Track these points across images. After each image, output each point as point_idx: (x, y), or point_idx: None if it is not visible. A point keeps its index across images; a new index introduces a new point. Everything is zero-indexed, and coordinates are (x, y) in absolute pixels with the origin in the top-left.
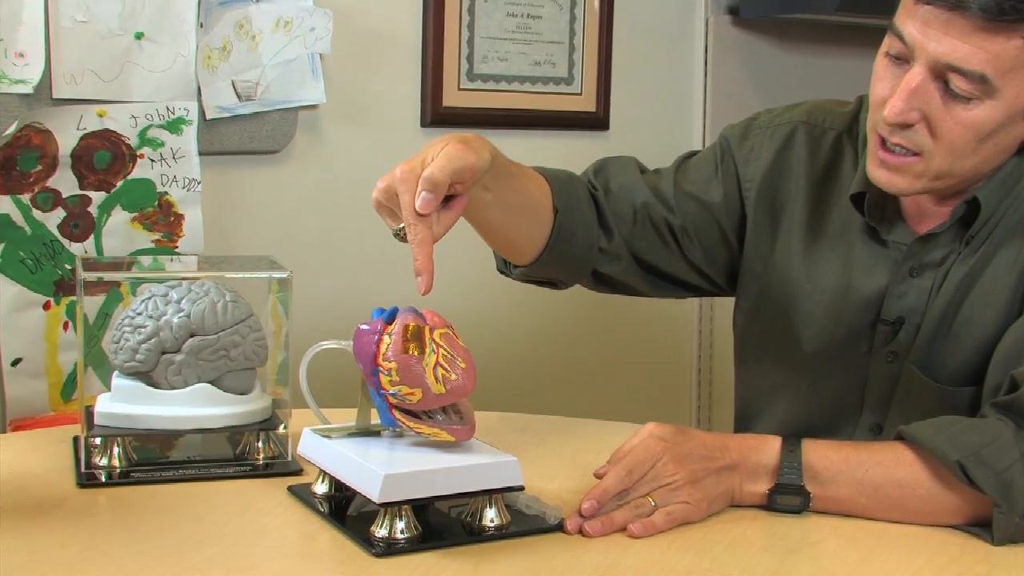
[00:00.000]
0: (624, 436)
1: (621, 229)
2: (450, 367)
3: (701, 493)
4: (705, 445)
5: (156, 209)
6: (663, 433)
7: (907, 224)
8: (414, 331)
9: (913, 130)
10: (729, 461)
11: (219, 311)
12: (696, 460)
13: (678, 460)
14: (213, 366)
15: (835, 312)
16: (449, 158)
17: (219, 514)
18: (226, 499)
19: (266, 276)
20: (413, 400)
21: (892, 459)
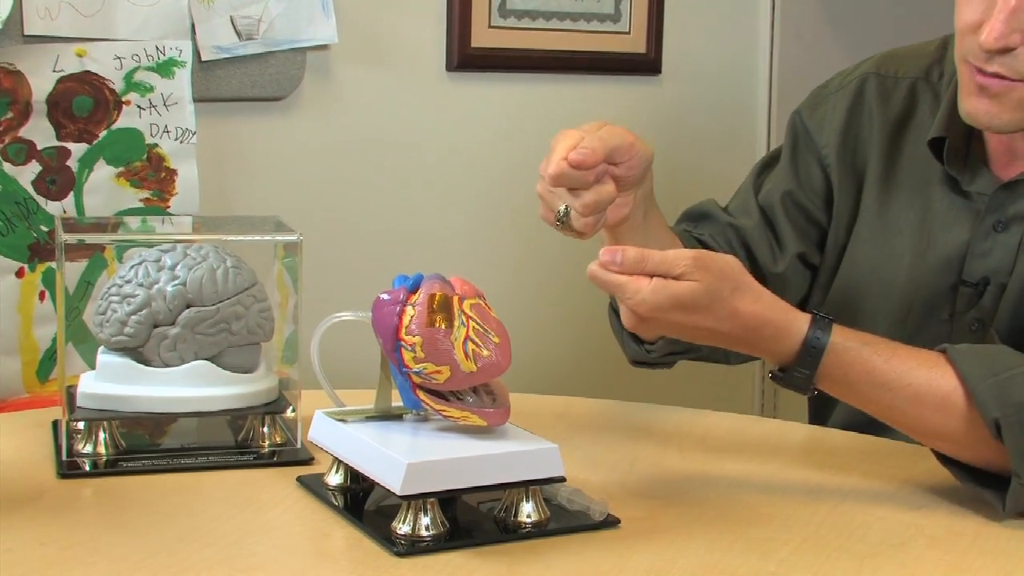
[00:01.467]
0: (680, 421)
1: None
2: (482, 342)
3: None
4: (735, 313)
5: (145, 163)
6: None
7: (991, 171)
8: (441, 301)
9: (1013, 55)
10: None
11: (219, 279)
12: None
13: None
14: (212, 341)
15: (913, 277)
16: (610, 131)
17: (219, 508)
18: (227, 492)
19: (272, 239)
20: (440, 379)
21: (925, 374)
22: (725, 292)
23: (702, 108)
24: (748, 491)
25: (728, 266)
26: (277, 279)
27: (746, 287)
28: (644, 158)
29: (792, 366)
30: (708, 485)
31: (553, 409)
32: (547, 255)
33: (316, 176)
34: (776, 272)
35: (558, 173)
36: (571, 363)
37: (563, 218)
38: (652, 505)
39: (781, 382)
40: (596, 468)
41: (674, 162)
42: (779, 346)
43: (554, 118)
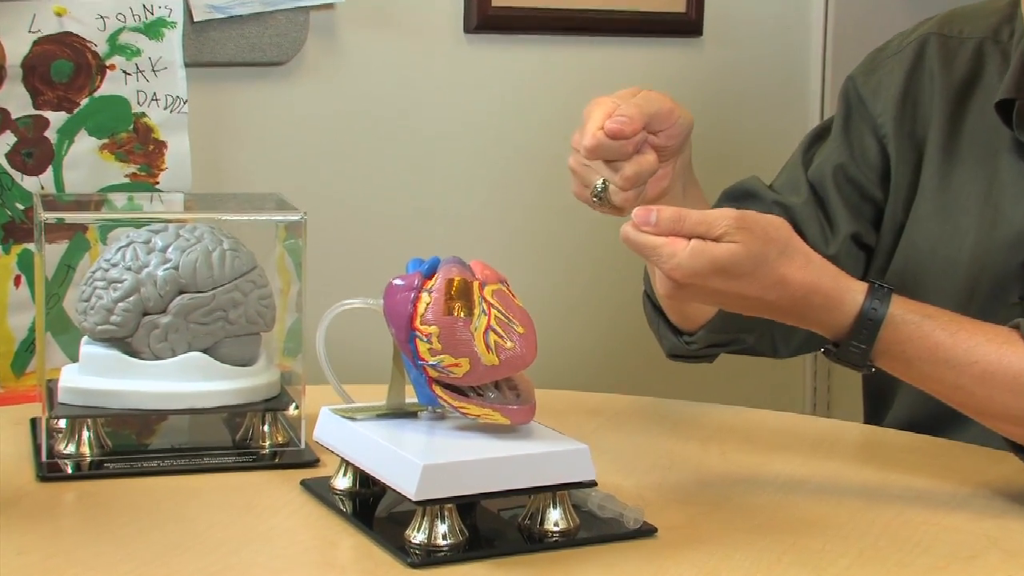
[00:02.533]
0: (723, 419)
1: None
2: (505, 332)
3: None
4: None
5: (131, 135)
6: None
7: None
8: (460, 287)
9: None
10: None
11: (215, 262)
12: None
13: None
14: (207, 331)
15: (978, 256)
16: (647, 97)
17: (215, 514)
18: (224, 496)
19: (273, 219)
20: (458, 373)
21: (995, 350)
22: (771, 256)
23: (748, 74)
24: (799, 497)
25: (774, 227)
26: (278, 263)
27: (794, 251)
28: (684, 125)
29: (846, 340)
30: (754, 490)
31: (583, 406)
32: (577, 235)
33: (321, 149)
34: (828, 254)
35: (595, 145)
36: (603, 355)
37: (600, 193)
38: (692, 512)
39: (834, 357)
40: (630, 471)
41: (717, 134)
42: (831, 317)
43: (584, 86)
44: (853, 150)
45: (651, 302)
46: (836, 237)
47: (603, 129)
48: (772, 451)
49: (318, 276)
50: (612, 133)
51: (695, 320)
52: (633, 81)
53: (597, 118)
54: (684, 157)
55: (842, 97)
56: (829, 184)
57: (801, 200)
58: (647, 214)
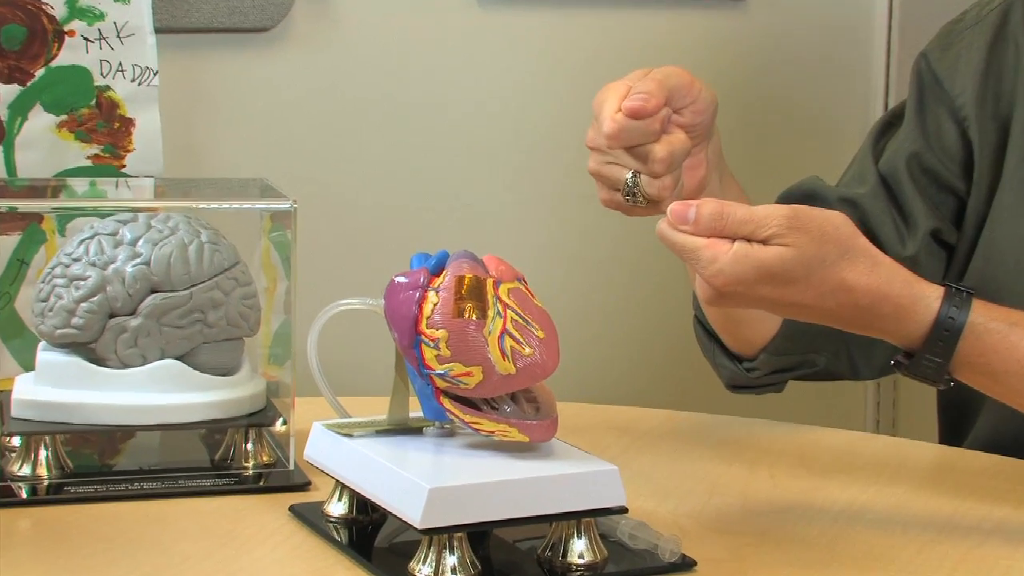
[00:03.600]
0: (773, 438)
1: None
2: (523, 336)
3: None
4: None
5: (93, 111)
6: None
7: None
8: (472, 285)
9: None
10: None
11: (191, 257)
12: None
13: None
14: (183, 335)
15: None
16: (663, 72)
17: (192, 545)
18: (201, 524)
19: (258, 207)
20: (470, 383)
21: None
22: (829, 259)
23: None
24: (859, 527)
25: (833, 226)
26: (264, 258)
27: (858, 252)
28: (708, 100)
29: (920, 351)
30: (808, 519)
31: (612, 422)
32: (604, 227)
33: (312, 128)
34: (905, 256)
35: (615, 130)
36: (635, 364)
37: (633, 189)
38: (737, 543)
39: (906, 371)
40: (666, 496)
41: (763, 118)
42: (902, 327)
43: (611, 58)
44: (929, 136)
45: (703, 327)
46: (914, 236)
47: (621, 111)
48: (829, 474)
49: (309, 273)
50: (632, 112)
51: (754, 343)
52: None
53: (612, 103)
54: (714, 143)
55: (914, 76)
56: (903, 176)
57: (871, 196)
58: (685, 210)
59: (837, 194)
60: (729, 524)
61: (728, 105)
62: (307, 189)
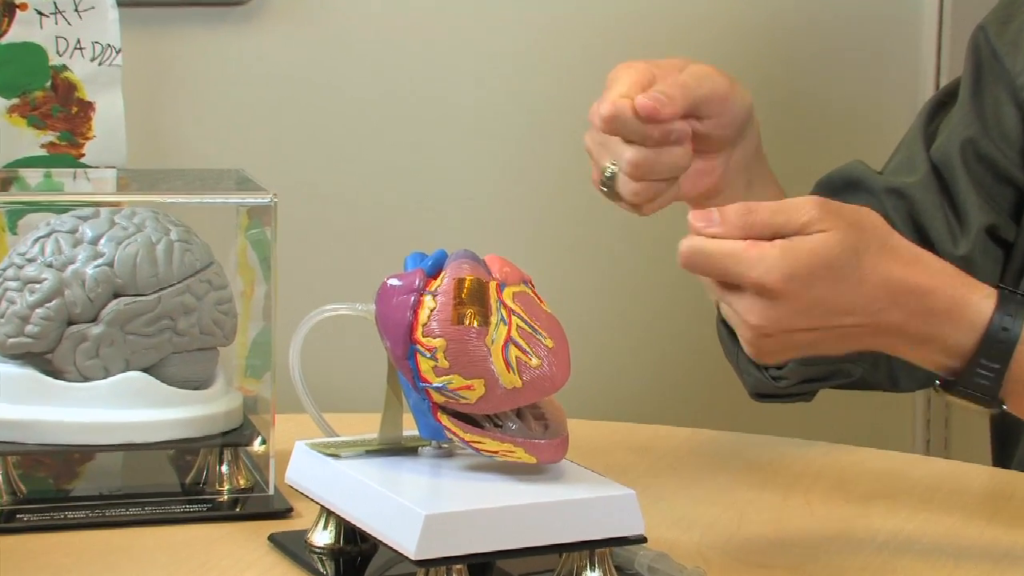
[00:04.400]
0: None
1: None
2: (530, 346)
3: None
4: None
5: (48, 93)
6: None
7: None
8: (473, 288)
9: None
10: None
11: (160, 257)
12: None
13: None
14: (150, 344)
15: None
16: (696, 75)
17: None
18: (171, 555)
19: (234, 201)
20: (471, 398)
21: None
22: (872, 247)
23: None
24: (906, 559)
25: (867, 214)
26: (240, 258)
27: (897, 242)
28: (740, 112)
29: (968, 365)
30: (849, 550)
31: (629, 441)
32: (620, 227)
33: (293, 114)
34: (958, 256)
35: (611, 115)
36: (654, 376)
37: (608, 180)
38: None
39: (953, 390)
40: (690, 524)
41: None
42: (949, 332)
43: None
44: (986, 119)
45: (727, 328)
46: (967, 232)
47: (632, 100)
48: (872, 500)
49: (291, 275)
50: (644, 111)
51: None
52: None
53: (623, 83)
54: (746, 147)
55: (970, 52)
56: (956, 164)
57: (922, 186)
58: (708, 215)
59: (884, 184)
60: (760, 556)
61: (760, 98)
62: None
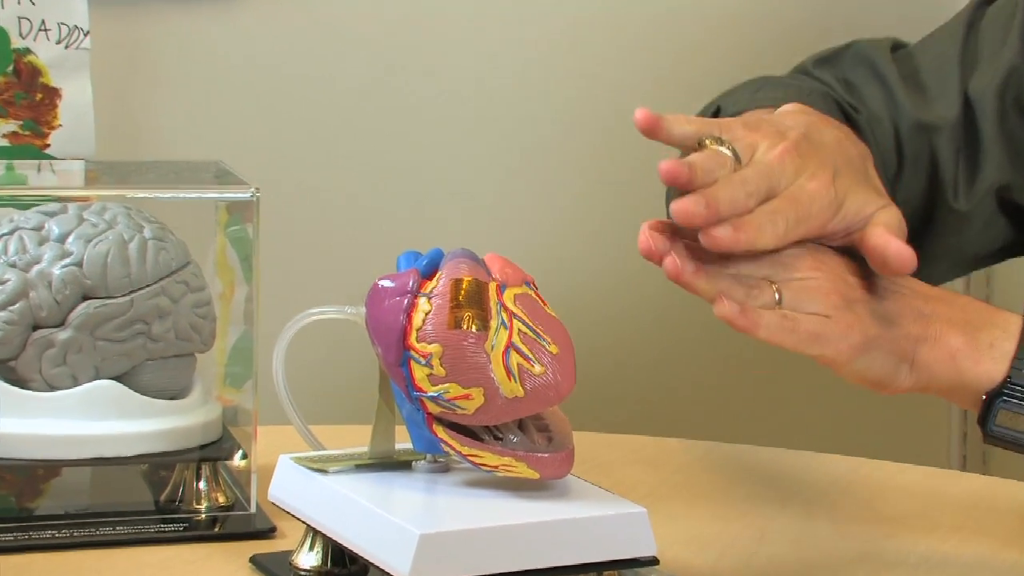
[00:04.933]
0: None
1: (883, 176)
2: (533, 352)
3: (855, 318)
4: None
5: (11, 79)
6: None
7: None
8: (471, 290)
9: None
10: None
11: (132, 257)
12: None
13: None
14: (122, 350)
15: None
16: (804, 203)
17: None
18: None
19: (213, 196)
20: (469, 408)
21: None
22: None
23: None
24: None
25: None
26: (219, 258)
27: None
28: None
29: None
30: (879, 571)
31: (640, 455)
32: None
33: (276, 103)
34: (956, 209)
35: (670, 177)
36: (667, 386)
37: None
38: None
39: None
40: (705, 544)
41: None
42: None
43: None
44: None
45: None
46: (974, 187)
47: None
48: (903, 519)
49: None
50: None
51: None
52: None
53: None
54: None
55: None
56: (989, 107)
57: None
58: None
59: (915, 118)
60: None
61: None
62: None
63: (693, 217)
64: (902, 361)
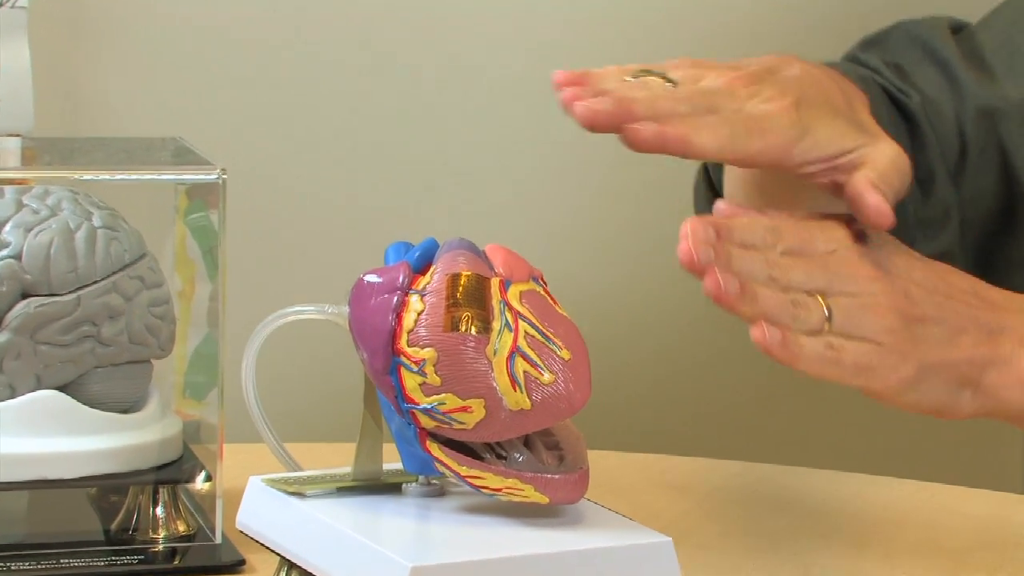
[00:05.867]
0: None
1: (943, 170)
2: (541, 358)
3: (910, 344)
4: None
5: None
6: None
7: None
8: (470, 286)
9: None
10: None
11: (79, 249)
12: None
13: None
14: (67, 356)
15: None
16: (756, 119)
17: None
18: None
19: (171, 179)
20: (468, 422)
21: None
22: None
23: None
24: None
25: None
26: (179, 249)
27: None
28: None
29: None
30: None
31: (665, 477)
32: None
33: (245, 71)
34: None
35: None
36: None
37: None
38: None
39: None
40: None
41: None
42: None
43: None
44: None
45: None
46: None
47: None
48: (969, 552)
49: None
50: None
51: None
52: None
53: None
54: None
55: None
56: None
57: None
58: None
59: (980, 103)
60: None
61: None
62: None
63: (596, 115)
64: (963, 387)
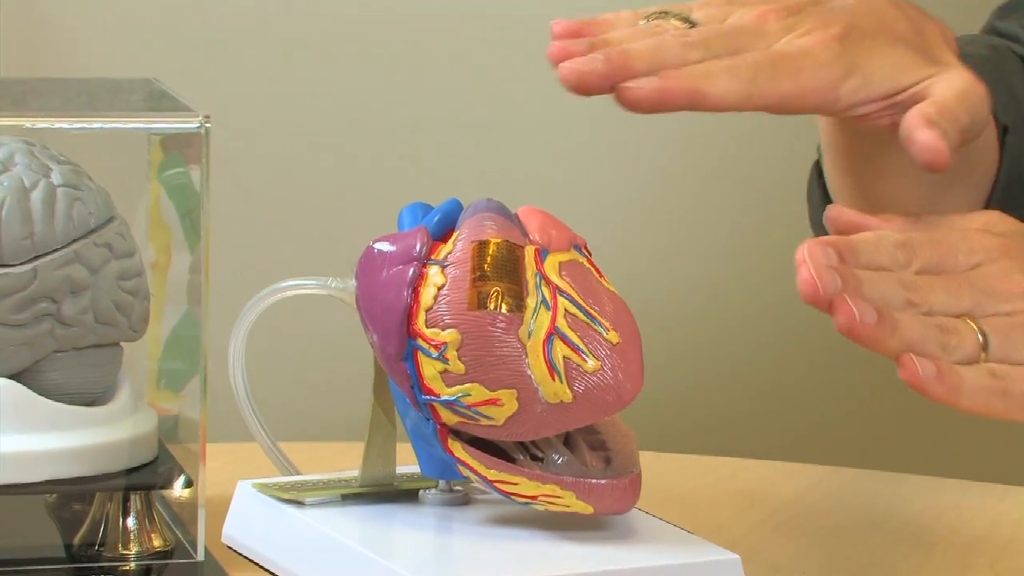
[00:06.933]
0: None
1: None
2: (585, 342)
3: None
4: None
5: None
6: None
7: None
8: (500, 256)
9: None
10: None
11: (36, 211)
12: None
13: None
14: (22, 338)
15: None
16: (789, 58)
17: None
18: None
19: (143, 127)
20: (498, 417)
21: None
22: None
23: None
24: None
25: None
26: (153, 212)
27: None
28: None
29: None
30: None
31: (732, 484)
32: (717, 175)
33: (232, 6)
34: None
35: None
36: (765, 393)
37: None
38: None
39: None
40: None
41: None
42: None
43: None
44: None
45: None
46: None
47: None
48: None
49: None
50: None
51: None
52: None
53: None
54: None
55: None
56: None
57: None
58: (824, 250)
59: None
60: None
61: None
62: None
63: (583, 77)
64: None
